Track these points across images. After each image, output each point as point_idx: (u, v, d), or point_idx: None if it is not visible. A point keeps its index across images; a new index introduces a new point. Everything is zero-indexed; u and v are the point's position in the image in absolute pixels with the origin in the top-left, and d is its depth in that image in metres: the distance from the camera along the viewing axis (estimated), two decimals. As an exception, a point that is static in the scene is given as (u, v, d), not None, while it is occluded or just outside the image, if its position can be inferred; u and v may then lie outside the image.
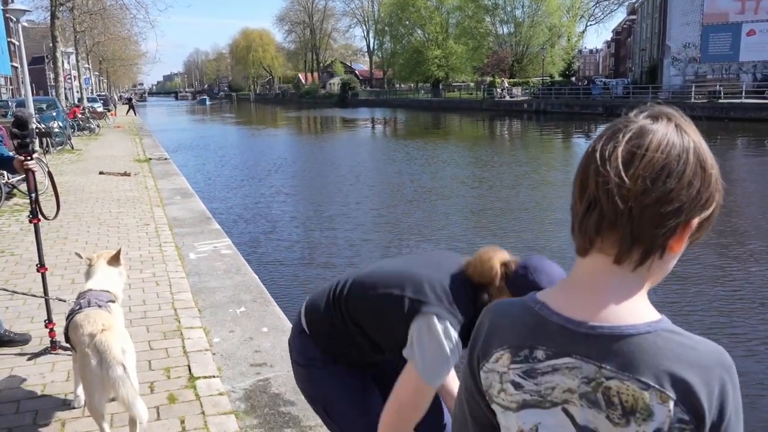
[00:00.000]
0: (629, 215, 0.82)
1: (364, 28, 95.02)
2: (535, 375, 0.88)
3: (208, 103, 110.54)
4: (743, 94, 36.64)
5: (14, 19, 19.22)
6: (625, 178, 0.81)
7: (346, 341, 1.86)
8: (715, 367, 0.81)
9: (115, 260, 3.32)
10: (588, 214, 0.85)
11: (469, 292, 1.66)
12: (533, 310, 0.91)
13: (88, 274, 3.37)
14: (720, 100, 36.38)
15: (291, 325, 4.44)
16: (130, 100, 53.71)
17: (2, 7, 34.65)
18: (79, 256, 3.47)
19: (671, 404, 0.79)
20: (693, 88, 39.04)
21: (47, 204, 4.11)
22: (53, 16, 23.74)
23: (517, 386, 0.90)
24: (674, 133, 0.85)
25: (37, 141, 13.83)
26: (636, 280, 0.86)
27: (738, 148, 23.51)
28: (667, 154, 0.82)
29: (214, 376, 3.66)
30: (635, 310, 0.85)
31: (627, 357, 0.82)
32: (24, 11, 19.30)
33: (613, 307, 0.85)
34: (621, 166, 0.81)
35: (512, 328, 0.91)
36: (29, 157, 3.72)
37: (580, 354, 0.85)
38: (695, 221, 0.85)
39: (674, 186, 0.82)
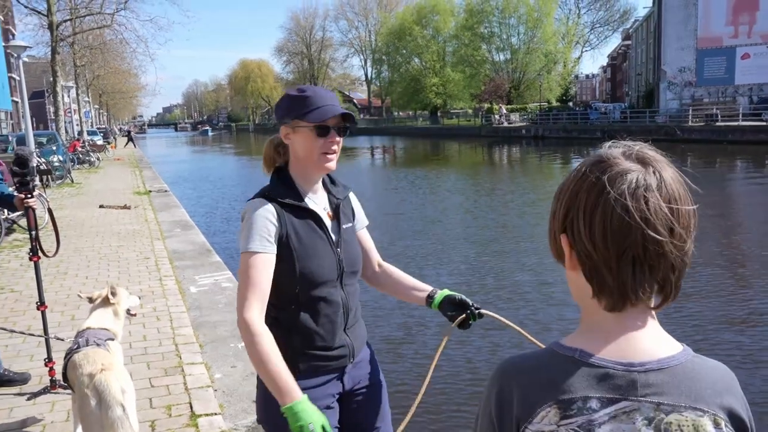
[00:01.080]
0: (680, 268, 0.86)
1: (362, 57, 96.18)
2: (592, 427, 0.84)
3: (210, 134, 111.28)
4: (740, 116, 36.87)
5: (15, 55, 19.44)
6: (675, 238, 0.84)
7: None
8: (737, 387, 0.88)
9: (105, 301, 3.29)
10: (636, 273, 0.85)
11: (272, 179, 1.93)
12: (573, 358, 0.87)
13: (89, 312, 3.34)
14: (717, 123, 36.59)
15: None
16: (129, 132, 54.07)
17: (3, 44, 35.08)
18: (80, 296, 3.44)
19: (723, 426, 0.83)
20: (690, 112, 39.30)
21: (47, 239, 4.09)
22: (54, 52, 24.00)
23: None
24: (675, 176, 0.89)
25: (37, 178, 13.86)
26: (655, 316, 0.91)
27: (738, 170, 23.57)
28: (685, 200, 0.87)
29: (215, 414, 3.60)
30: (668, 342, 0.89)
31: (679, 388, 0.84)
32: (25, 47, 19.52)
33: (652, 344, 0.87)
34: (668, 226, 0.84)
35: (554, 381, 0.87)
36: (30, 195, 3.72)
37: (636, 396, 0.84)
38: None
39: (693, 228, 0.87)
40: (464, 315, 1.93)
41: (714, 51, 43.04)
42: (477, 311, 1.94)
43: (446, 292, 2.00)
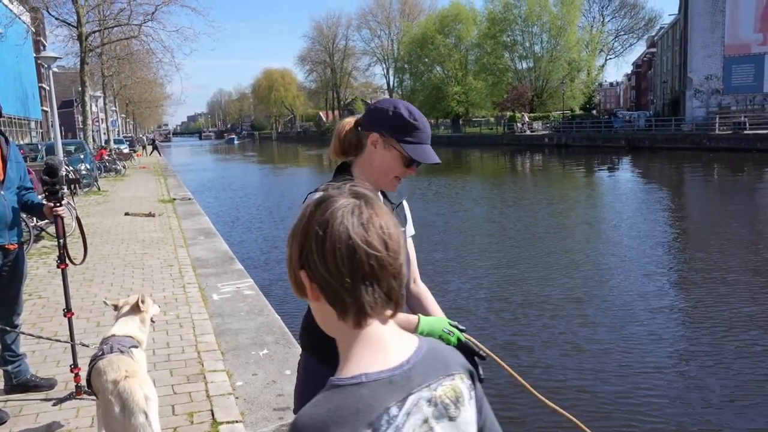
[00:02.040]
0: (400, 279, 1.03)
1: (384, 66, 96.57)
2: (399, 430, 0.96)
3: (236, 142, 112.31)
4: (769, 124, 36.28)
5: (46, 66, 19.85)
6: (390, 252, 1.00)
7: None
8: (457, 356, 1.12)
9: (136, 309, 3.33)
10: (368, 288, 0.99)
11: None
12: (360, 383, 0.96)
13: (114, 319, 3.39)
14: (745, 132, 36.01)
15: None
16: (153, 141, 54.88)
17: (35, 55, 35.85)
18: (106, 303, 3.50)
19: (464, 379, 1.08)
20: (717, 120, 38.73)
21: (74, 246, 4.17)
22: (83, 62, 24.47)
23: None
24: (381, 205, 1.05)
25: (65, 187, 14.12)
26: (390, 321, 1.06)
27: (767, 180, 23.13)
28: (392, 224, 1.03)
29: (237, 421, 3.62)
30: (409, 337, 1.08)
31: (435, 367, 1.04)
32: (55, 58, 19.93)
33: (403, 343, 1.05)
34: (384, 243, 0.99)
35: (357, 410, 0.94)
36: (58, 204, 3.80)
37: (415, 387, 1.00)
38: None
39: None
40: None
41: (742, 58, 42.42)
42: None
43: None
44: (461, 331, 1.76)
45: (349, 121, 1.94)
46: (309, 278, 1.02)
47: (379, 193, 1.97)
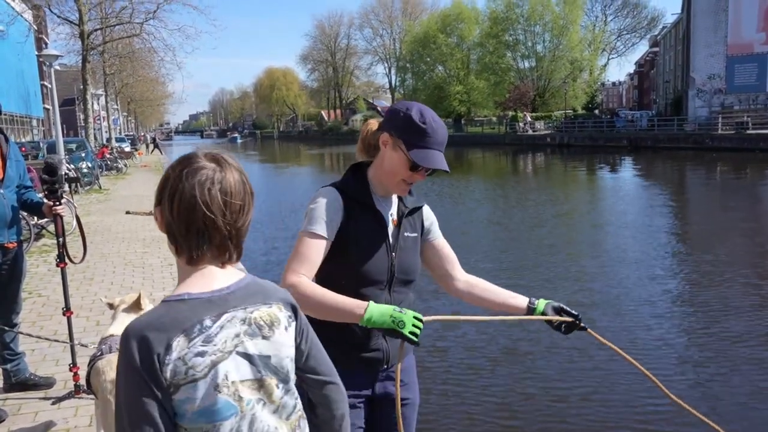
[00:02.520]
0: (236, 238, 1.25)
1: (386, 65, 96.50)
2: (210, 338, 1.18)
3: (239, 141, 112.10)
4: (771, 124, 36.21)
5: (47, 64, 19.85)
6: (226, 219, 1.22)
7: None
8: (279, 290, 1.35)
9: (136, 306, 3.31)
10: (198, 240, 1.21)
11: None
12: (183, 300, 1.20)
13: (112, 318, 3.37)
14: (748, 131, 35.94)
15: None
16: (154, 139, 54.89)
17: (36, 53, 35.89)
18: (102, 300, 3.48)
19: (282, 309, 1.31)
20: (720, 120, 38.67)
21: (74, 245, 4.15)
22: (84, 60, 24.48)
23: (202, 355, 1.16)
24: (237, 177, 1.26)
25: (66, 186, 14.10)
26: (229, 267, 1.29)
27: (768, 180, 23.08)
28: (236, 195, 1.24)
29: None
30: (238, 274, 1.29)
31: (254, 295, 1.28)
32: (57, 56, 19.93)
33: (228, 277, 1.27)
34: (222, 210, 1.21)
35: (176, 319, 1.17)
36: (58, 203, 3.78)
37: (232, 307, 1.23)
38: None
39: (248, 210, 1.28)
40: (571, 320, 2.01)
41: (745, 58, 42.33)
42: (582, 325, 2.04)
43: (544, 300, 2.04)
44: (420, 320, 1.66)
45: (374, 122, 1.97)
46: (160, 215, 1.25)
47: (395, 197, 1.97)
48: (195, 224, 1.20)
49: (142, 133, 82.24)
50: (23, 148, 21.96)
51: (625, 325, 6.93)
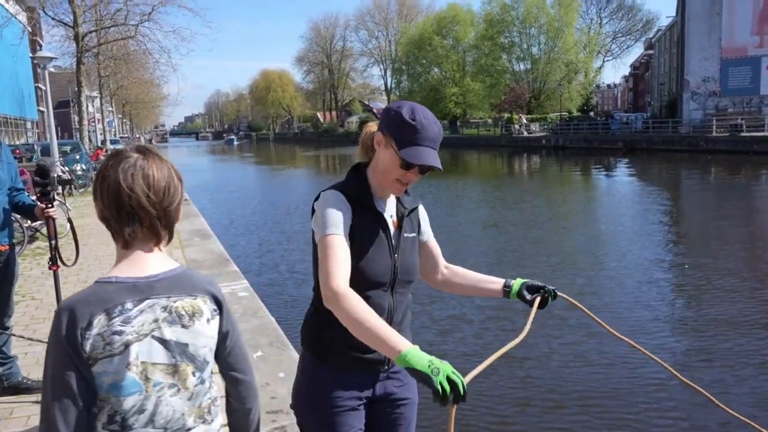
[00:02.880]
0: (165, 219, 1.37)
1: (382, 67, 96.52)
2: (129, 319, 1.30)
3: (235, 143, 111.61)
4: (766, 127, 36.33)
5: (42, 66, 19.79)
6: (150, 201, 1.33)
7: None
8: (215, 283, 1.47)
9: None
10: (130, 223, 1.34)
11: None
12: (110, 282, 1.32)
13: None
14: (742, 134, 36.08)
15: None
16: (150, 141, 54.85)
17: (31, 54, 35.78)
18: None
19: (207, 302, 1.41)
20: (714, 122, 38.81)
21: (68, 247, 4.13)
22: (79, 62, 24.38)
23: (119, 334, 1.28)
24: (160, 165, 1.38)
25: (60, 188, 14.04)
26: (159, 250, 1.41)
27: (763, 182, 23.18)
28: (160, 180, 1.36)
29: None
30: (169, 262, 1.41)
31: (180, 286, 1.38)
32: (51, 58, 19.87)
33: (158, 264, 1.38)
34: (145, 193, 1.33)
35: (101, 298, 1.29)
36: (50, 205, 3.76)
37: (155, 294, 1.34)
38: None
39: (173, 195, 1.39)
40: (539, 295, 2.03)
41: (739, 61, 42.51)
42: (553, 291, 2.04)
43: (520, 281, 2.09)
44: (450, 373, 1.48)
45: (373, 124, 1.97)
46: (96, 206, 1.38)
47: (393, 198, 1.97)
48: (124, 208, 1.33)
49: (137, 135, 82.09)
50: (17, 151, 21.88)
51: (624, 330, 6.93)
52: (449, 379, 1.42)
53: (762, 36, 41.86)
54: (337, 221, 1.77)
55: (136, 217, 1.33)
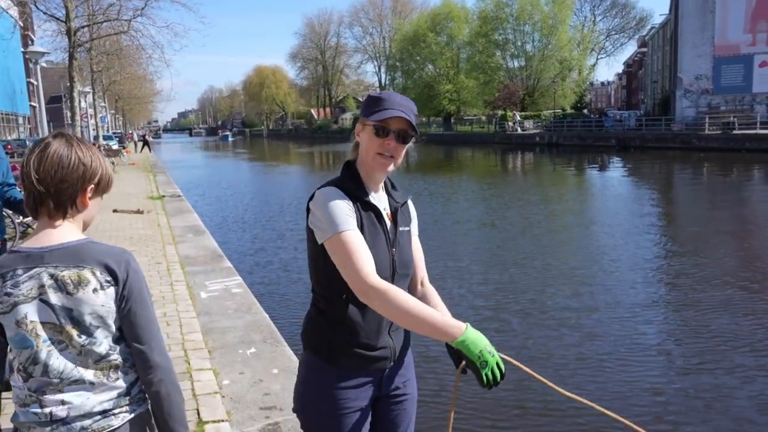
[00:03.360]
0: (54, 198, 1.55)
1: (376, 63, 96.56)
2: (17, 284, 1.52)
3: (230, 139, 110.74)
4: (758, 125, 36.51)
5: (34, 61, 19.67)
6: (40, 180, 1.53)
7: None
8: (117, 255, 1.60)
9: None
10: (31, 198, 1.55)
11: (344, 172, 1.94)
12: (14, 251, 1.56)
13: None
14: (734, 132, 36.24)
15: (302, 367, 4.36)
16: (144, 137, 54.58)
17: (22, 49, 35.54)
18: None
19: (98, 273, 1.55)
20: (707, 120, 38.97)
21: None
22: (71, 57, 24.21)
23: (8, 295, 1.52)
24: (60, 148, 1.56)
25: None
26: (68, 224, 1.60)
27: (755, 179, 23.29)
28: (55, 162, 1.54)
29: (223, 420, 3.58)
30: (73, 235, 1.59)
31: (70, 257, 1.55)
32: (43, 53, 19.76)
33: (59, 237, 1.57)
34: (35, 165, 1.54)
35: (1, 266, 1.54)
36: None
37: (43, 263, 1.53)
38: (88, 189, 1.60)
39: (66, 174, 1.55)
40: (462, 363, 1.71)
41: (731, 59, 42.69)
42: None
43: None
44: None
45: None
46: None
47: (384, 193, 1.97)
48: (25, 186, 1.55)
49: (131, 131, 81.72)
50: (9, 146, 21.75)
51: (620, 334, 6.95)
52: (493, 372, 1.60)
53: (755, 34, 42.05)
54: (344, 217, 1.77)
55: (31, 194, 1.55)
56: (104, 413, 1.59)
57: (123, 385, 1.62)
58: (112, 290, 1.58)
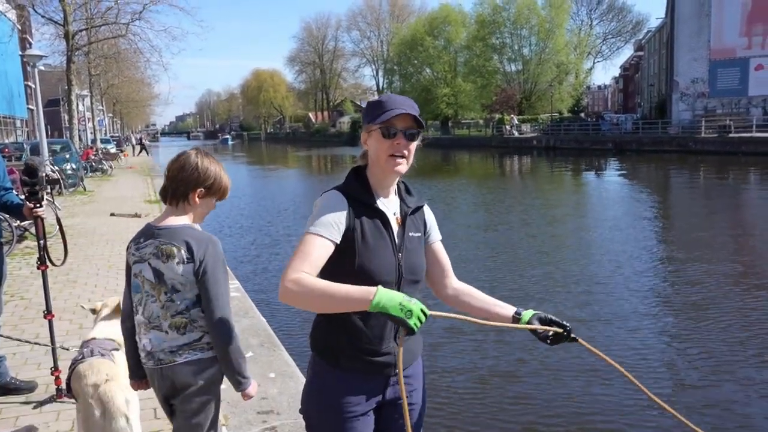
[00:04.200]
0: (170, 187, 2.26)
1: (374, 67, 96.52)
2: (140, 248, 2.23)
3: (230, 142, 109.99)
4: (754, 128, 36.62)
5: (31, 64, 19.66)
6: (169, 173, 2.26)
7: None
8: (204, 239, 2.21)
9: (117, 311, 3.29)
10: (162, 189, 2.29)
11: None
12: (147, 225, 2.30)
13: (94, 322, 3.34)
14: (731, 135, 36.34)
15: (298, 371, 4.36)
16: (141, 140, 54.54)
17: (20, 53, 35.52)
18: (83, 307, 3.45)
19: (182, 251, 2.17)
20: (703, 123, 39.07)
21: (57, 247, 4.10)
22: (69, 61, 24.24)
23: (134, 254, 2.24)
24: (192, 156, 2.27)
25: (48, 188, 13.93)
26: (179, 212, 2.28)
27: (751, 182, 23.35)
28: (182, 162, 2.25)
29: (220, 425, 3.58)
30: (183, 220, 2.24)
31: (170, 235, 2.20)
32: (41, 56, 19.75)
33: (170, 220, 2.24)
34: (168, 167, 2.29)
35: (135, 233, 2.33)
36: (38, 205, 3.74)
37: (153, 238, 2.21)
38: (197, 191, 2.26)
39: (183, 176, 2.25)
40: (560, 331, 1.89)
41: (727, 62, 42.83)
42: (568, 330, 1.90)
43: (532, 311, 1.95)
44: (425, 315, 1.61)
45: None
46: None
47: (397, 197, 1.97)
48: (164, 181, 2.31)
49: (128, 135, 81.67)
50: (6, 149, 21.70)
51: (612, 330, 6.96)
52: (419, 318, 1.59)
53: (750, 37, 42.19)
54: (324, 222, 1.78)
55: (163, 186, 2.30)
56: (172, 352, 2.23)
57: (188, 338, 2.24)
58: (189, 266, 2.19)
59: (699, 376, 5.63)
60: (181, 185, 2.22)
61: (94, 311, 3.31)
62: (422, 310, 1.59)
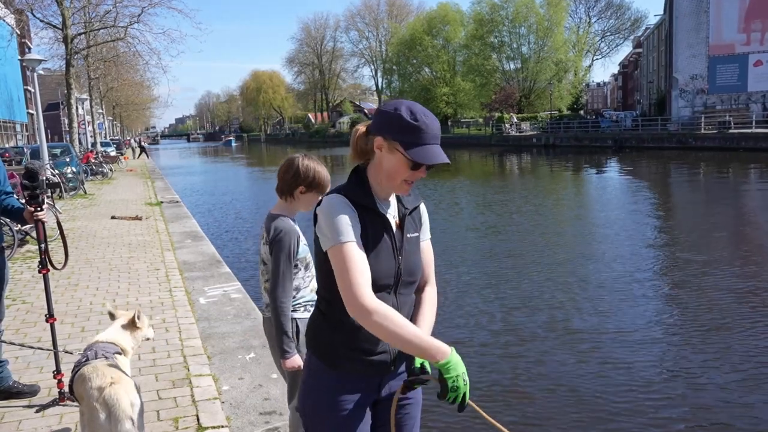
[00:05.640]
0: (279, 184, 2.84)
1: (373, 67, 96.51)
2: (263, 232, 2.86)
3: (233, 144, 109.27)
4: (753, 123, 36.61)
5: (31, 68, 19.68)
6: (279, 172, 2.86)
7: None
8: (281, 228, 2.76)
9: (132, 324, 3.33)
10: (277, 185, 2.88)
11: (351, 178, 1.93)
12: (269, 214, 2.91)
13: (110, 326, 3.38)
14: (730, 131, 36.33)
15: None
16: (140, 143, 54.59)
17: (20, 57, 35.54)
18: (106, 306, 3.50)
19: (265, 233, 2.85)
20: (702, 119, 39.07)
21: (58, 251, 4.11)
22: (68, 65, 24.25)
23: (263, 236, 2.80)
24: (296, 159, 2.84)
25: (49, 192, 13.93)
26: (284, 204, 2.85)
27: (751, 178, 23.34)
28: (288, 163, 2.82)
29: (222, 426, 3.59)
30: (279, 209, 2.83)
31: (269, 220, 2.80)
32: (40, 60, 19.76)
33: (276, 208, 2.85)
34: (280, 166, 2.84)
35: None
36: (39, 209, 3.74)
37: (266, 222, 2.84)
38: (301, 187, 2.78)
39: (288, 175, 2.81)
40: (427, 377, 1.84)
41: (726, 58, 42.83)
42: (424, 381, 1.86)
43: (421, 360, 1.86)
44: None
45: (361, 128, 1.92)
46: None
47: (394, 197, 1.95)
48: None
49: (128, 138, 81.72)
50: (6, 154, 21.72)
51: (609, 327, 6.97)
52: (458, 396, 1.70)
53: (749, 33, 42.19)
54: (347, 228, 1.76)
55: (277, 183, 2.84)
56: (263, 309, 2.92)
57: (307, 316, 2.76)
58: (267, 246, 2.74)
59: (709, 379, 5.63)
60: (285, 184, 2.77)
61: (112, 315, 3.33)
62: (465, 395, 1.72)
